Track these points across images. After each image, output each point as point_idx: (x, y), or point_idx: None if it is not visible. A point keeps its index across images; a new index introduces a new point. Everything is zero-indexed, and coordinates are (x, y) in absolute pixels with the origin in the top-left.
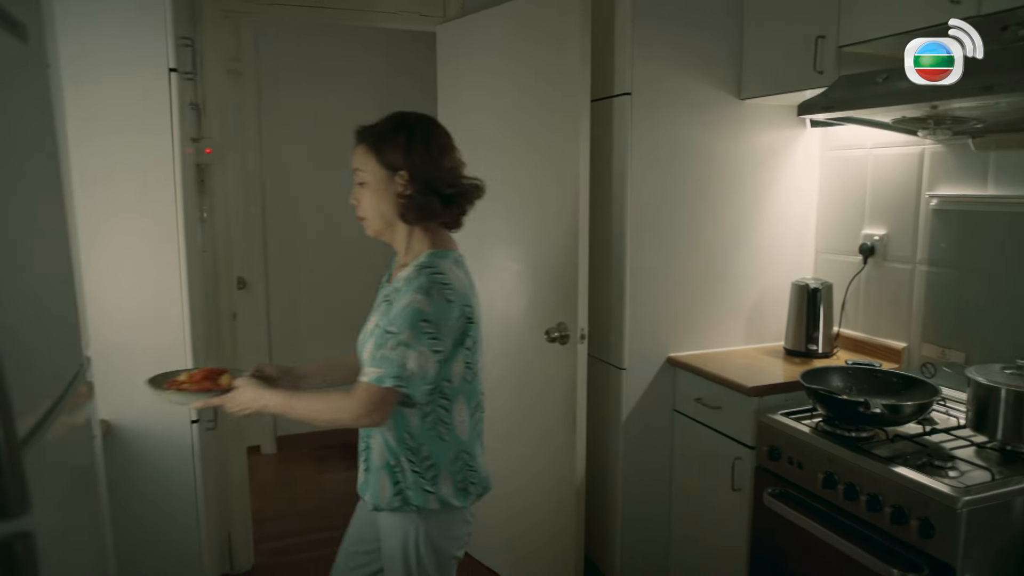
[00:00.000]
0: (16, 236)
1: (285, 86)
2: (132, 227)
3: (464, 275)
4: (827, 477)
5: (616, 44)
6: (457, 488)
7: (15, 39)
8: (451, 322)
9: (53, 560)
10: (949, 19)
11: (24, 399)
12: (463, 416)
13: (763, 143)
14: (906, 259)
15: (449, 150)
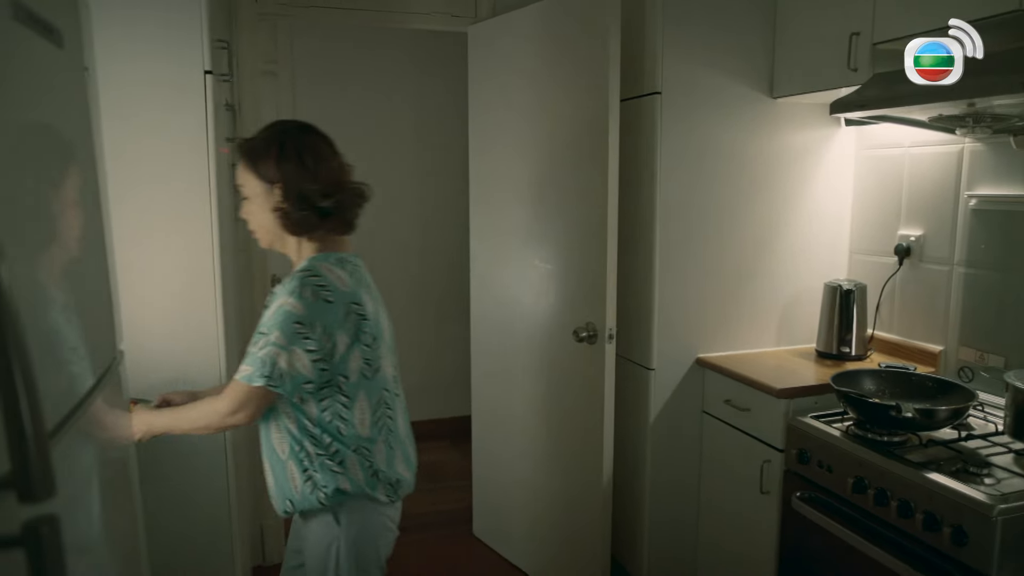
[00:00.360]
0: (49, 234)
1: (319, 86)
2: (166, 225)
3: (349, 274)
4: (857, 482)
5: (646, 43)
6: (367, 477)
7: (52, 45)
8: (332, 321)
9: (81, 545)
10: (992, 12)
11: (54, 388)
12: (364, 414)
13: (796, 142)
14: (943, 260)
15: (325, 160)
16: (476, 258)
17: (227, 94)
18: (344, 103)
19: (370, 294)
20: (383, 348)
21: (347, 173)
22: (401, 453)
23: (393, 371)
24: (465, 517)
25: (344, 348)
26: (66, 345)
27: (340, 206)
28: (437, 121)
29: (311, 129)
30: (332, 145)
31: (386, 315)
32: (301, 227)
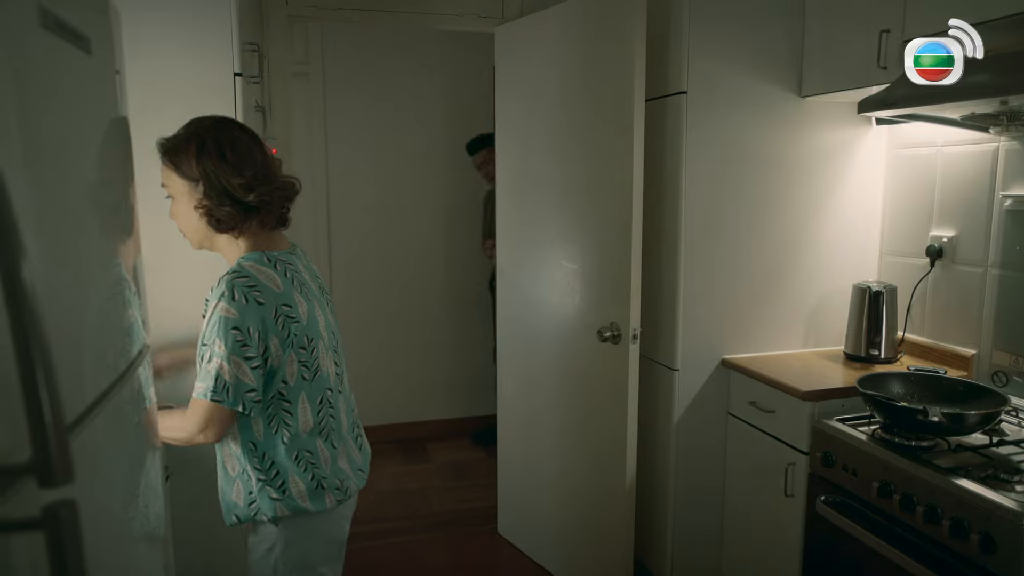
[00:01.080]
0: (72, 231)
1: (350, 87)
2: None
3: (281, 274)
4: (883, 486)
5: (671, 42)
6: (310, 490)
7: (81, 52)
8: (263, 325)
9: (105, 531)
10: (1021, 9)
11: (78, 378)
12: (307, 416)
13: (826, 142)
14: (977, 262)
15: (248, 153)
16: (503, 258)
17: (257, 96)
18: (374, 103)
19: (306, 292)
20: (321, 348)
21: (273, 166)
22: (344, 451)
23: (336, 369)
24: (490, 515)
25: (278, 351)
26: (91, 338)
27: (266, 200)
28: (466, 121)
29: (230, 123)
30: (255, 138)
31: (330, 310)
32: (227, 224)
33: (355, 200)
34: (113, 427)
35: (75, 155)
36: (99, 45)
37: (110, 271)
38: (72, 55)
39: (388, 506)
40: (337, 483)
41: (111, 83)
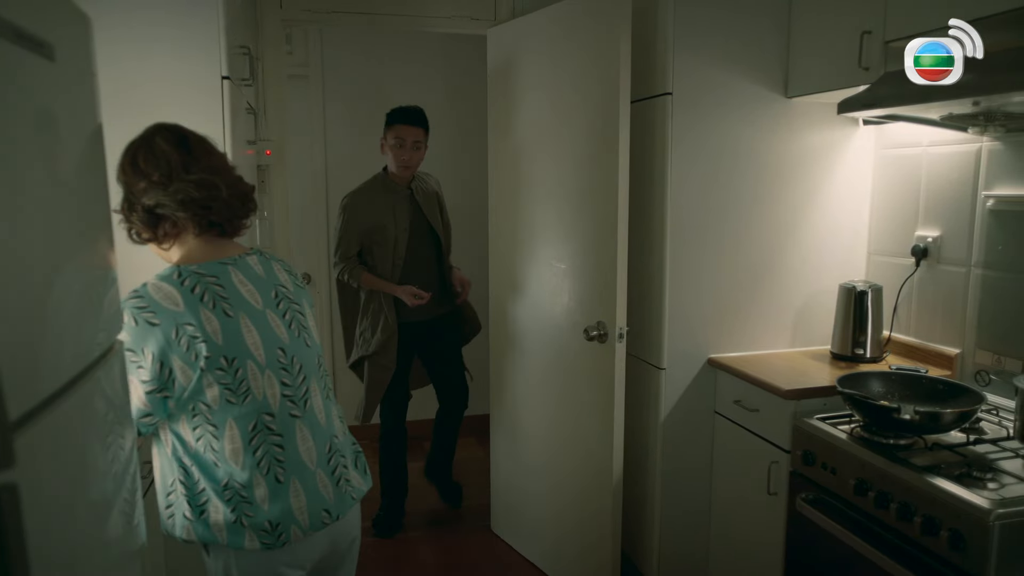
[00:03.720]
0: (27, 230)
1: (349, 89)
2: None
3: (186, 291)
4: (859, 484)
5: (657, 44)
6: (227, 523)
7: (43, 59)
8: (159, 346)
9: (59, 522)
10: (1001, 8)
11: (32, 369)
12: (236, 443)
13: (812, 142)
14: (961, 262)
15: (162, 156)
16: (494, 259)
17: (250, 98)
18: (374, 106)
19: (232, 307)
20: (252, 369)
21: (207, 170)
22: (300, 488)
23: (289, 390)
24: (485, 513)
25: (184, 373)
26: (49, 335)
27: (173, 205)
28: (464, 123)
29: (165, 128)
30: (188, 141)
31: (293, 325)
32: (145, 235)
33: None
34: (76, 419)
35: (30, 158)
36: (64, 51)
37: (72, 271)
38: (33, 62)
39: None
40: (266, 524)
41: (80, 88)
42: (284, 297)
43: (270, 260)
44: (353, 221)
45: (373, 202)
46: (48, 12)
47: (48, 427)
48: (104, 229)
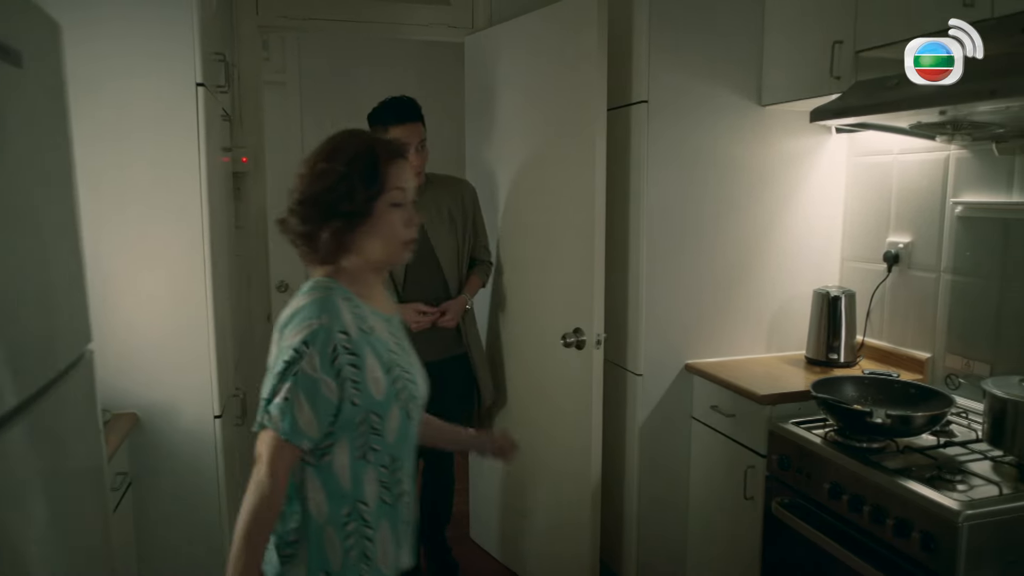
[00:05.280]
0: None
1: (329, 95)
2: (155, 235)
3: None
4: (833, 487)
5: (633, 52)
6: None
7: (10, 65)
8: None
9: (27, 544)
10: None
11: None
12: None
13: (787, 150)
14: (931, 267)
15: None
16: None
17: (226, 105)
18: (353, 113)
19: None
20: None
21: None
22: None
23: None
24: (464, 520)
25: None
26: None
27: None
28: (442, 130)
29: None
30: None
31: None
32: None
33: None
34: (42, 435)
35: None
36: (33, 58)
37: (31, 276)
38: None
39: None
40: None
41: (48, 94)
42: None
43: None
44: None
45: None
46: (17, 19)
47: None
48: (66, 233)
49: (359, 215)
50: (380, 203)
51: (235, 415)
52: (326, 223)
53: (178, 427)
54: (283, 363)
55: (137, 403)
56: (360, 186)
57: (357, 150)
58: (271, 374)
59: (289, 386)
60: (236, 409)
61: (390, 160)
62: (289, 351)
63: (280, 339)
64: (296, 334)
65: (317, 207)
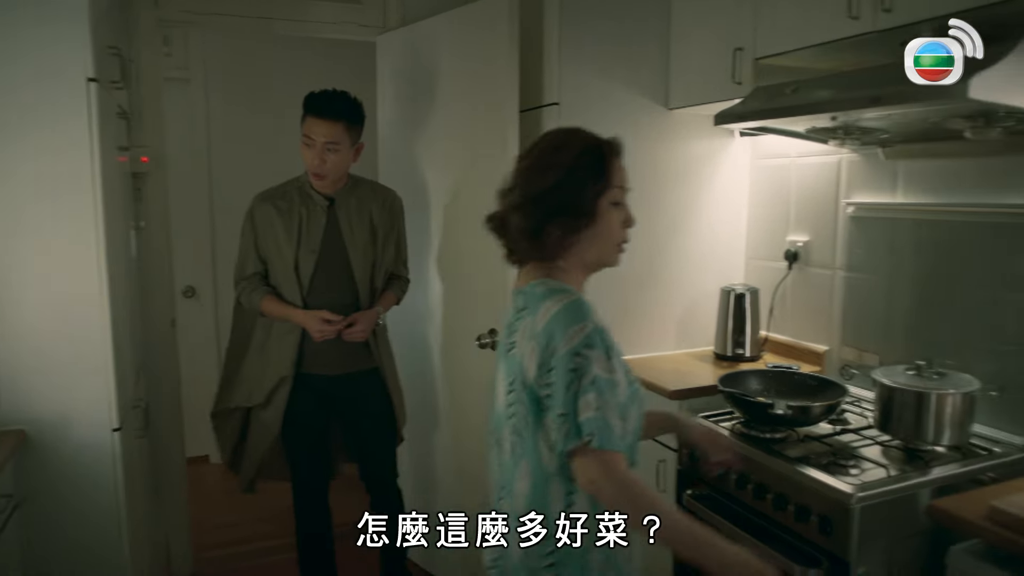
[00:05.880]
0: None
1: (237, 93)
2: (49, 235)
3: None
4: (740, 477)
5: (544, 55)
6: None
7: None
8: None
9: None
10: (849, 32)
11: None
12: None
13: (693, 152)
14: (827, 265)
15: None
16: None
17: (122, 102)
18: (262, 112)
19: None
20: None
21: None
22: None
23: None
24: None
25: None
26: None
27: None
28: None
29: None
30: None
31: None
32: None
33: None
34: None
35: None
36: None
37: None
38: None
39: (281, 521)
40: None
41: None
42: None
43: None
44: (251, 232)
45: (280, 211)
46: None
47: None
48: None
49: (585, 214)
50: (603, 201)
51: (137, 427)
52: (551, 221)
53: (72, 442)
54: (569, 372)
55: (25, 418)
56: (588, 183)
57: (584, 146)
58: (559, 388)
59: (594, 395)
60: (138, 420)
61: (614, 157)
62: (570, 358)
63: (540, 350)
64: (569, 340)
65: (543, 204)
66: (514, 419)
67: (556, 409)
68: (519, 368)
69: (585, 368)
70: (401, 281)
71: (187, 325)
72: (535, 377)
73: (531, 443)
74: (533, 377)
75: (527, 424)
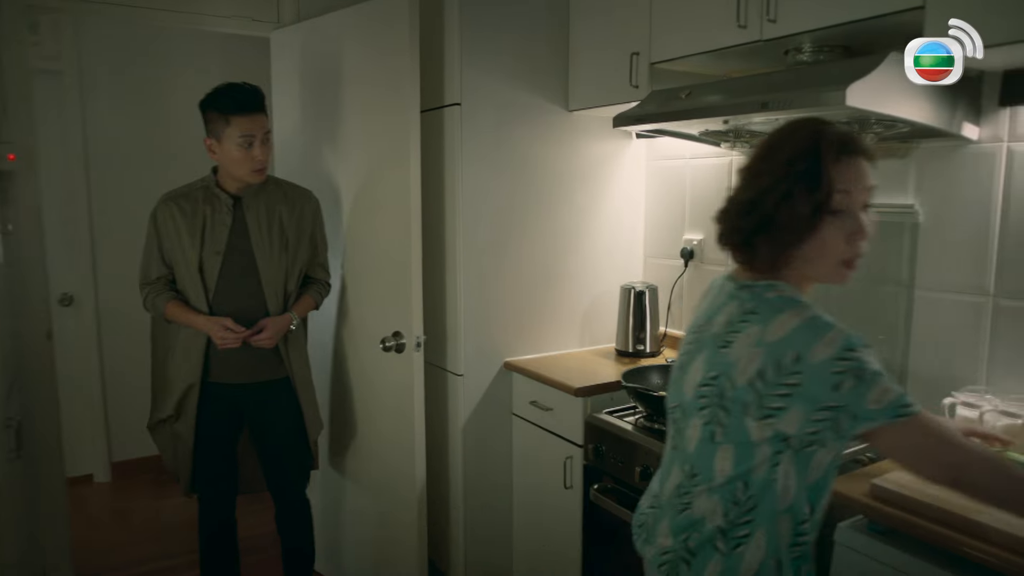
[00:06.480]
0: None
1: (118, 87)
2: None
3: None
4: (644, 470)
5: (446, 55)
6: None
7: None
8: None
9: None
10: (738, 41)
11: None
12: None
13: (593, 153)
14: (721, 262)
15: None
16: None
17: None
18: (146, 104)
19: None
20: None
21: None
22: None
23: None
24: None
25: None
26: None
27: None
28: None
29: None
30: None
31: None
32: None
33: (125, 208)
34: None
35: None
36: None
37: None
38: None
39: (173, 541)
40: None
41: None
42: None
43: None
44: (154, 234)
45: (183, 211)
46: None
47: None
48: None
49: (792, 230)
50: (819, 213)
51: (9, 448)
52: (757, 235)
53: None
54: (834, 375)
55: None
56: (800, 193)
57: (798, 147)
58: (812, 391)
59: (884, 379)
60: (10, 441)
61: (837, 159)
62: (832, 363)
63: (769, 360)
64: (826, 348)
65: (747, 216)
66: (708, 409)
67: (806, 406)
68: (729, 367)
69: (858, 366)
70: (319, 284)
71: (66, 336)
72: (749, 381)
73: (735, 432)
74: (747, 381)
75: (728, 415)
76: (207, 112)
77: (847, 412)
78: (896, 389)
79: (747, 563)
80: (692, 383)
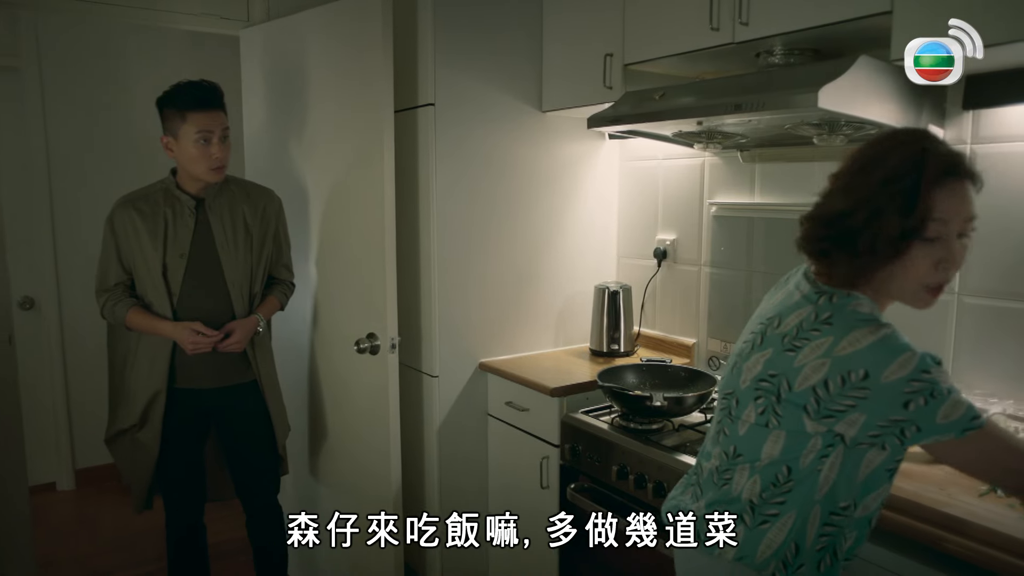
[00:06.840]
0: None
1: (81, 85)
2: None
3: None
4: (620, 469)
5: (419, 55)
6: None
7: None
8: None
9: None
10: (710, 43)
11: None
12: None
13: (566, 154)
14: (693, 261)
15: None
16: None
17: None
18: (111, 101)
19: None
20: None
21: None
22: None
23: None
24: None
25: None
26: None
27: None
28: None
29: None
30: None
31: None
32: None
33: (87, 208)
34: None
35: None
36: None
37: None
38: None
39: (140, 548)
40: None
41: None
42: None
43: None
44: (112, 240)
45: (143, 214)
46: None
47: None
48: None
49: (875, 253)
50: (908, 239)
51: None
52: (837, 250)
53: None
54: (905, 395)
55: None
56: (891, 215)
57: (899, 165)
58: (878, 407)
59: (956, 395)
60: None
61: (941, 183)
62: (905, 384)
63: (836, 373)
64: (900, 369)
65: (831, 229)
66: (763, 399)
67: (871, 417)
68: (791, 372)
69: (931, 387)
70: (284, 285)
71: (26, 340)
72: (811, 388)
73: (790, 422)
74: (808, 387)
75: (784, 408)
76: (164, 109)
77: (914, 424)
78: (965, 402)
79: (767, 540)
80: (750, 375)
